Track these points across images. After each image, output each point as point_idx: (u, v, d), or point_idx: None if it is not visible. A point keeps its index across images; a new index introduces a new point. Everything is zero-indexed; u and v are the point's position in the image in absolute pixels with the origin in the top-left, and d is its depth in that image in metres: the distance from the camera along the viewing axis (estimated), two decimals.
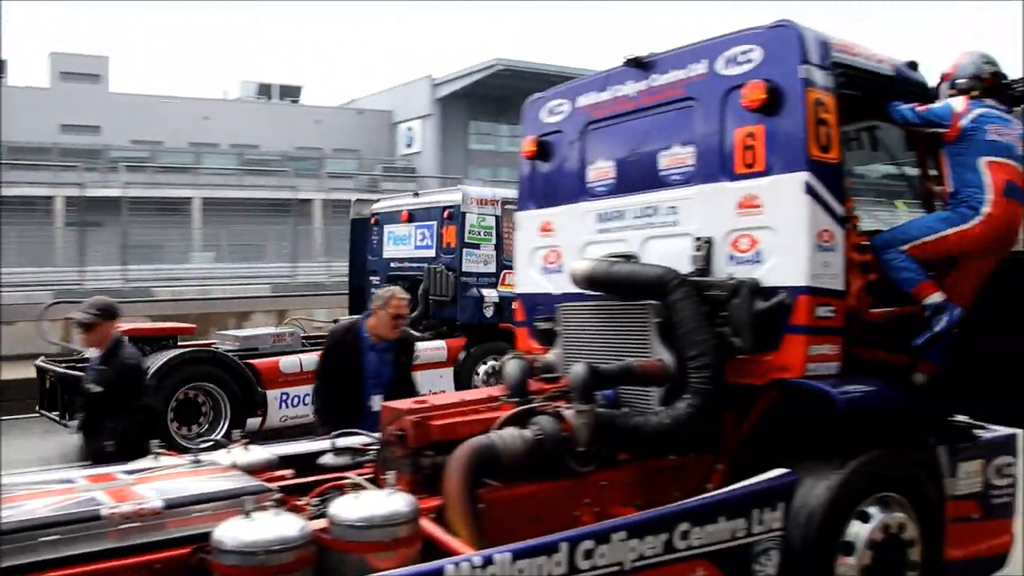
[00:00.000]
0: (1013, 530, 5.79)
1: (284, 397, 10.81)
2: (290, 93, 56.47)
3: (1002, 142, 5.18)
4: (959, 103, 5.24)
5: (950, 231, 5.11)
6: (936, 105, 5.32)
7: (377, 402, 6.31)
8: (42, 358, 11.39)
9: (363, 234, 13.82)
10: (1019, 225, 5.24)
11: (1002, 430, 5.75)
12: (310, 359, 10.52)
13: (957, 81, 5.41)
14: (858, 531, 4.81)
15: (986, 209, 5.05)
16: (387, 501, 3.80)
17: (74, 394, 9.71)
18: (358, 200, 14.80)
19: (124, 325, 11.73)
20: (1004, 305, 5.42)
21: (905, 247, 5.15)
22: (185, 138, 47.60)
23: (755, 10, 5.37)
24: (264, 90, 55.50)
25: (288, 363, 10.86)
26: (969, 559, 5.46)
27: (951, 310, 5.11)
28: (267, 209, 26.02)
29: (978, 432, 5.70)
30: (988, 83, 5.38)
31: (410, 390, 6.54)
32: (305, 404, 10.39)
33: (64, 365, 10.73)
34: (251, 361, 10.81)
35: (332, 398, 6.60)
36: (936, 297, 5.13)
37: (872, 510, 4.89)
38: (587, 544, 3.68)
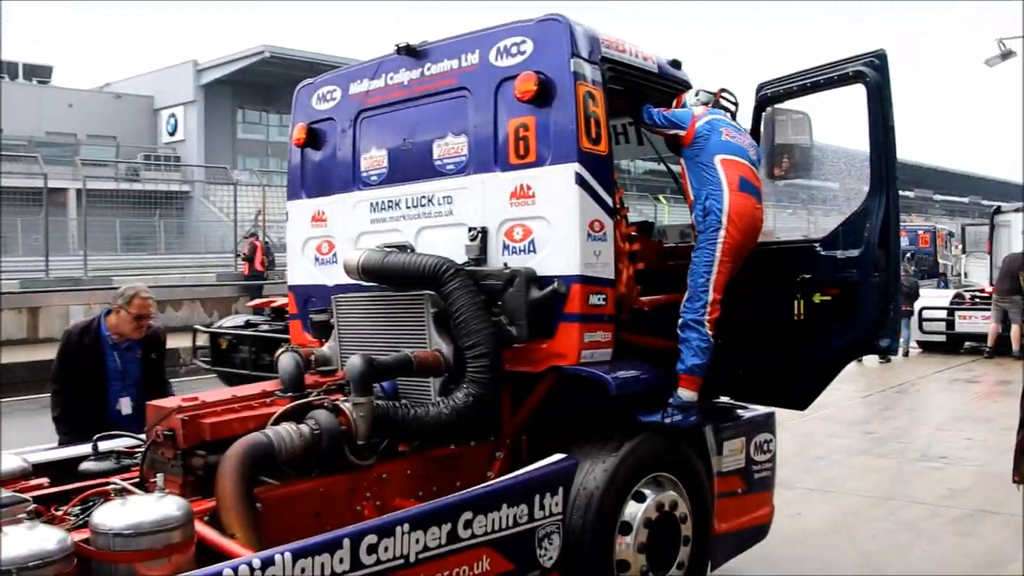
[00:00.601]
0: (772, 501, 6.16)
1: None
2: (38, 73, 52.77)
3: (734, 143, 5.41)
4: (698, 109, 5.56)
5: (719, 249, 5.22)
6: (679, 109, 5.62)
7: (125, 404, 6.05)
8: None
9: None
10: (759, 218, 5.46)
11: (760, 409, 6.09)
12: None
13: (690, 100, 5.76)
14: (634, 511, 4.96)
15: (726, 205, 5.23)
16: (157, 505, 3.60)
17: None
18: None
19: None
20: (756, 296, 5.74)
21: (706, 299, 5.19)
22: None
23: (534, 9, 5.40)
24: (8, 68, 51.64)
25: None
26: (735, 531, 5.76)
27: (692, 413, 5.21)
28: (14, 198, 24.31)
29: (740, 412, 6.03)
30: (718, 96, 5.76)
31: (163, 389, 6.25)
32: None
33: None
34: None
35: (72, 402, 6.17)
36: (691, 395, 5.21)
37: (647, 490, 5.06)
38: (370, 539, 3.62)
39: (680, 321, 5.24)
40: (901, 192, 5.45)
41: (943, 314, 19.86)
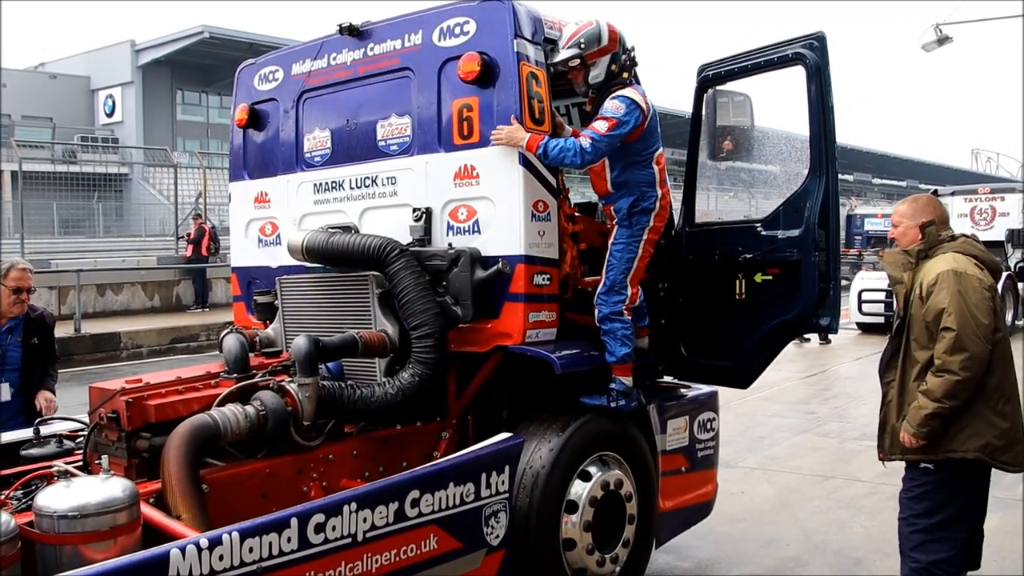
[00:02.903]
0: (716, 479, 6.25)
1: None
2: None
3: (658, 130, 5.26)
4: (634, 93, 5.06)
5: (642, 247, 5.18)
6: (613, 109, 4.97)
7: (5, 391, 5.83)
8: None
9: None
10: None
11: (703, 388, 6.17)
12: None
13: (622, 57, 5.19)
14: (580, 490, 5.02)
15: (657, 205, 5.19)
16: (101, 487, 3.56)
17: None
18: None
19: None
20: (698, 277, 5.81)
21: (626, 294, 5.15)
22: None
23: None
24: None
25: None
26: (680, 509, 5.84)
27: (633, 398, 5.22)
28: None
29: (683, 391, 6.10)
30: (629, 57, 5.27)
31: (43, 378, 6.09)
32: None
33: None
34: None
35: None
36: (628, 382, 5.19)
37: (592, 469, 5.12)
38: (318, 518, 3.62)
39: (599, 314, 5.18)
40: (840, 176, 5.52)
41: (882, 296, 20.07)
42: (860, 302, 20.26)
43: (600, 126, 4.94)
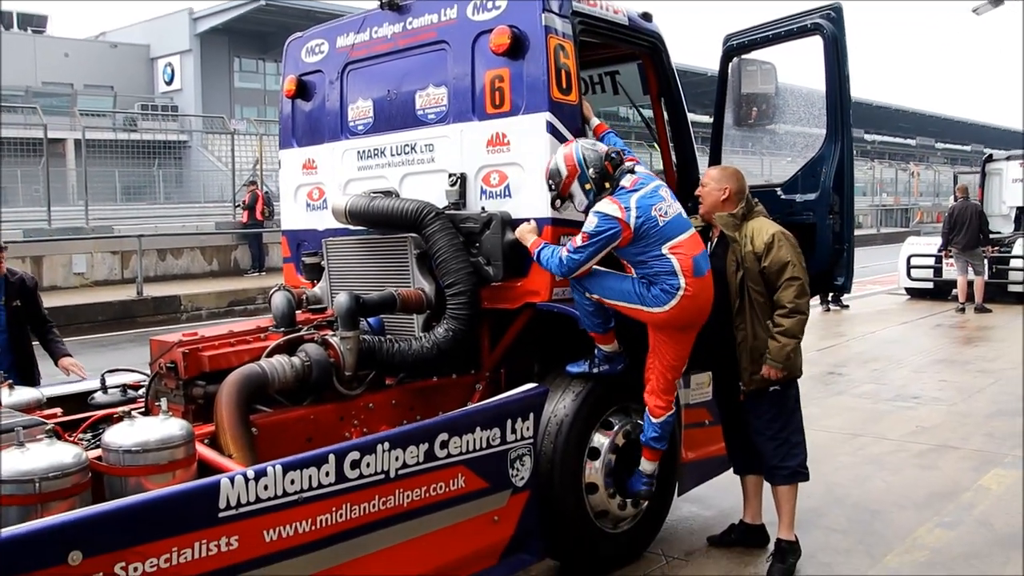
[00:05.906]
0: None
1: None
2: (33, 23, 52.25)
3: (671, 219, 4.96)
4: (609, 205, 4.91)
5: (643, 309, 4.98)
6: (587, 224, 4.93)
7: None
8: None
9: None
10: (711, 292, 5.10)
11: None
12: None
13: (589, 174, 5.01)
14: (602, 438, 5.34)
15: (681, 294, 4.89)
16: (161, 426, 3.95)
17: None
18: None
19: None
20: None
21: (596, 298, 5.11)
22: None
23: None
24: (2, 19, 51.14)
25: None
26: (702, 460, 6.11)
27: (619, 362, 5.28)
28: (13, 149, 24.52)
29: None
30: (610, 169, 5.06)
31: (52, 345, 6.51)
32: None
33: None
34: None
35: None
36: (610, 347, 5.24)
37: (614, 419, 5.43)
38: (353, 455, 3.95)
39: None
40: (903, 140, 5.75)
41: (931, 261, 19.80)
42: (909, 267, 20.02)
43: (578, 238, 4.93)
